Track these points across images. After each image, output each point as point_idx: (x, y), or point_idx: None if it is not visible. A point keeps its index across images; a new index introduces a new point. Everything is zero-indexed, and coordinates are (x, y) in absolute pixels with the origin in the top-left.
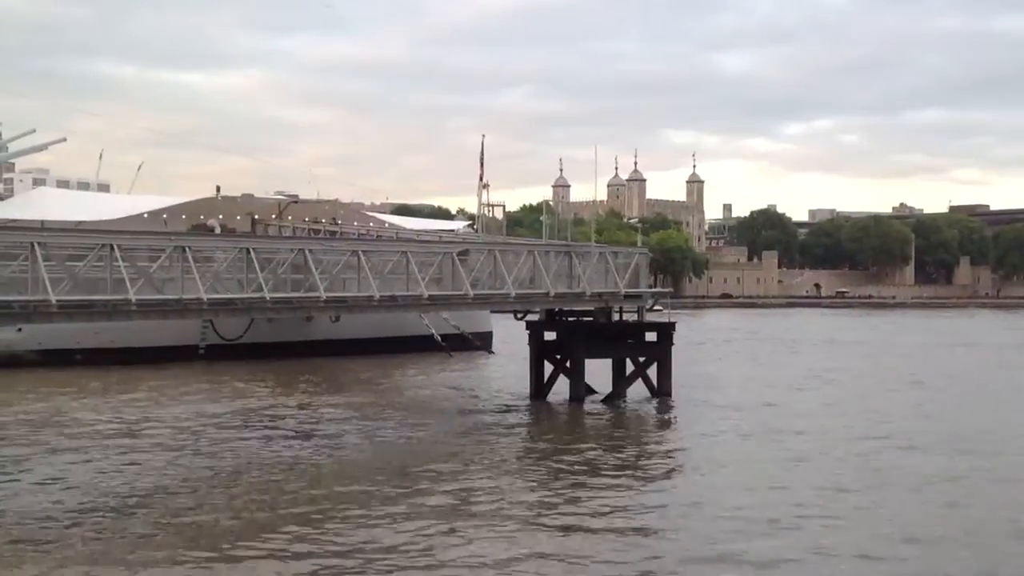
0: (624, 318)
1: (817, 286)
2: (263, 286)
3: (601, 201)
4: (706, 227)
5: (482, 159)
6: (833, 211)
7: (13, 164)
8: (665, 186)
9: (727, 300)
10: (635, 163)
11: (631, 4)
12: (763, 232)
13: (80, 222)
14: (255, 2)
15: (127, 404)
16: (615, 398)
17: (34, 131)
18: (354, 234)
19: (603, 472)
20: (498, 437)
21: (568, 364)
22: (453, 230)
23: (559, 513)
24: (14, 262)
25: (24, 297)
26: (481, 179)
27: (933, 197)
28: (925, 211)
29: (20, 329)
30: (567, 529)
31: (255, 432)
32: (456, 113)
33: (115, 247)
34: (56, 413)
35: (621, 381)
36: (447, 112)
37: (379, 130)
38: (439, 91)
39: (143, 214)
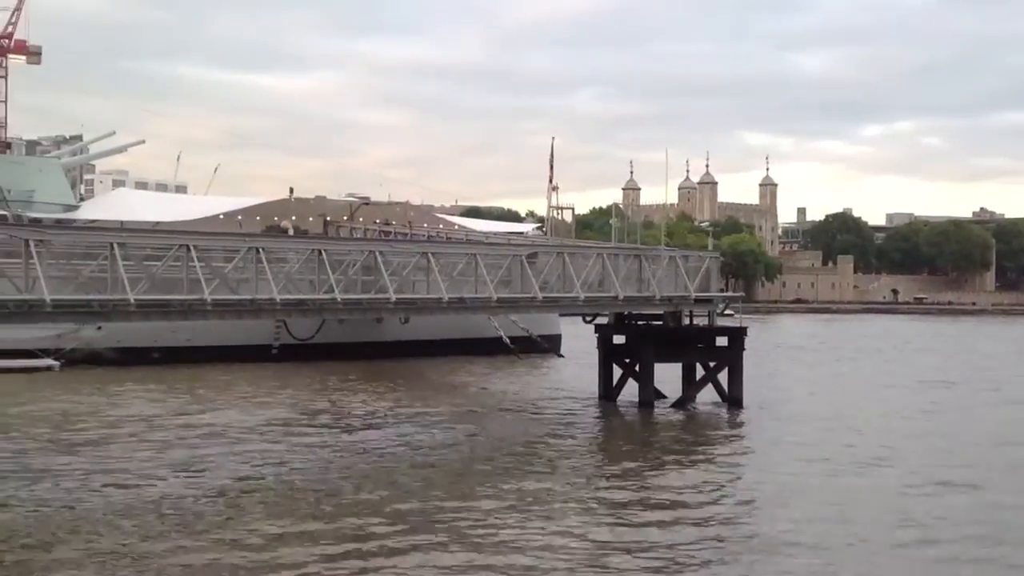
0: (694, 322)
1: (894, 291)
2: (334, 287)
3: (672, 204)
4: (779, 231)
5: (552, 161)
6: (911, 215)
7: (94, 166)
8: (737, 189)
9: (800, 305)
10: (706, 166)
11: (701, 5)
12: (838, 236)
13: (158, 223)
14: (331, 5)
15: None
16: (685, 403)
17: (114, 133)
18: (424, 236)
19: (673, 482)
20: (566, 440)
21: (637, 368)
22: (522, 232)
23: (628, 531)
24: (94, 262)
25: (103, 296)
26: (551, 181)
27: (1015, 201)
28: (1006, 216)
29: (100, 327)
30: (635, 549)
31: (339, 432)
32: (526, 115)
33: (191, 248)
34: (177, 412)
35: (691, 386)
36: (517, 114)
37: (450, 132)
38: (510, 93)
39: (219, 215)
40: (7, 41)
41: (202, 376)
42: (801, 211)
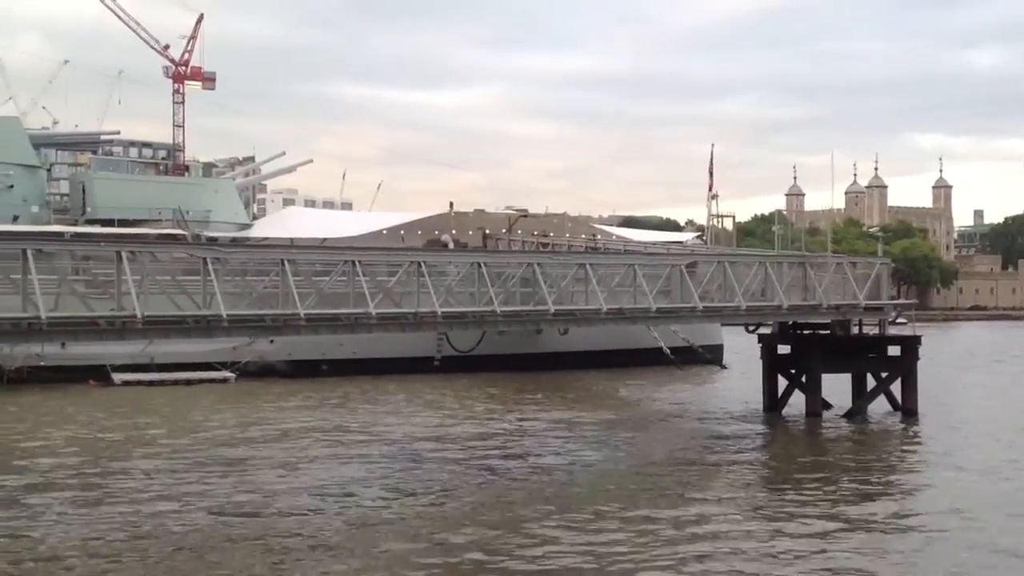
0: (864, 331)
1: None
2: (494, 299)
3: (838, 209)
4: (955, 235)
5: (711, 168)
6: None
7: (266, 185)
8: (909, 192)
9: (979, 312)
10: (875, 168)
11: (862, 3)
12: (1019, 239)
13: (325, 239)
14: (487, 21)
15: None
16: (855, 414)
17: (284, 153)
18: (582, 247)
19: (847, 497)
20: (732, 454)
21: (804, 379)
22: (681, 242)
23: (799, 548)
24: (266, 278)
25: (275, 311)
26: (710, 189)
27: None
28: None
29: (272, 341)
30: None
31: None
32: (683, 122)
33: (357, 263)
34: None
35: (862, 397)
36: (674, 121)
37: (606, 142)
38: (665, 100)
39: (382, 231)
40: (184, 68)
41: (381, 387)
42: (978, 213)
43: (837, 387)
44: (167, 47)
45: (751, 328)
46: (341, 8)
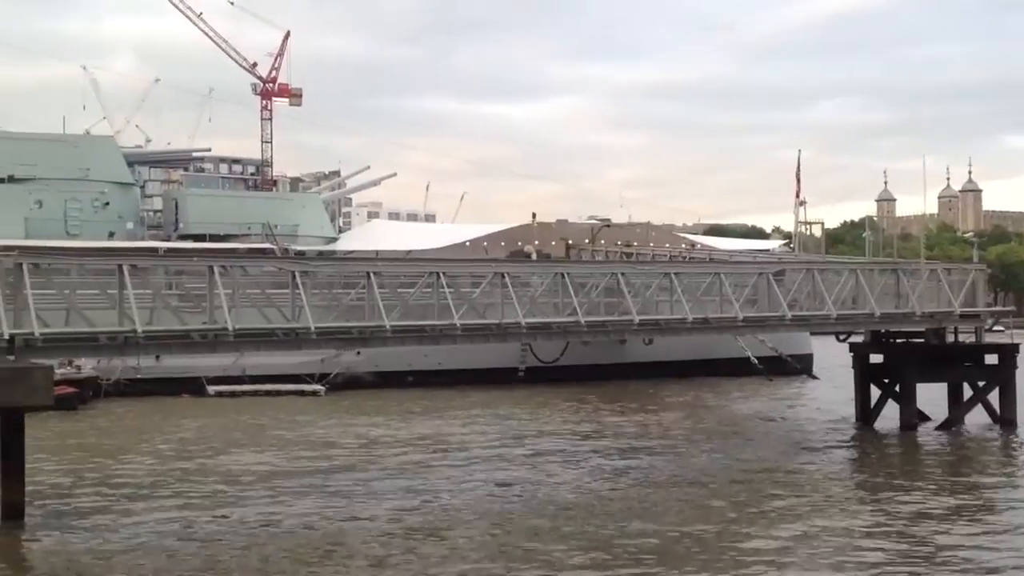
0: (959, 339)
1: None
2: (578, 310)
3: (931, 214)
4: None
5: (798, 175)
6: None
7: (351, 199)
8: (1004, 196)
9: None
10: (969, 172)
11: (952, 6)
12: None
13: (409, 251)
14: (568, 33)
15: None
16: (951, 425)
17: (368, 167)
18: (666, 256)
19: (945, 513)
20: (824, 467)
21: (897, 388)
22: (768, 250)
23: (893, 565)
24: (353, 290)
25: (362, 323)
26: (797, 196)
27: None
28: None
29: (359, 353)
30: None
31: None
32: (768, 129)
33: (441, 275)
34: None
35: (958, 407)
36: (758, 129)
37: (689, 150)
38: (748, 108)
39: (465, 242)
40: (271, 85)
41: (483, 398)
42: None
43: (932, 397)
44: (255, 65)
45: (842, 337)
46: (425, 24)
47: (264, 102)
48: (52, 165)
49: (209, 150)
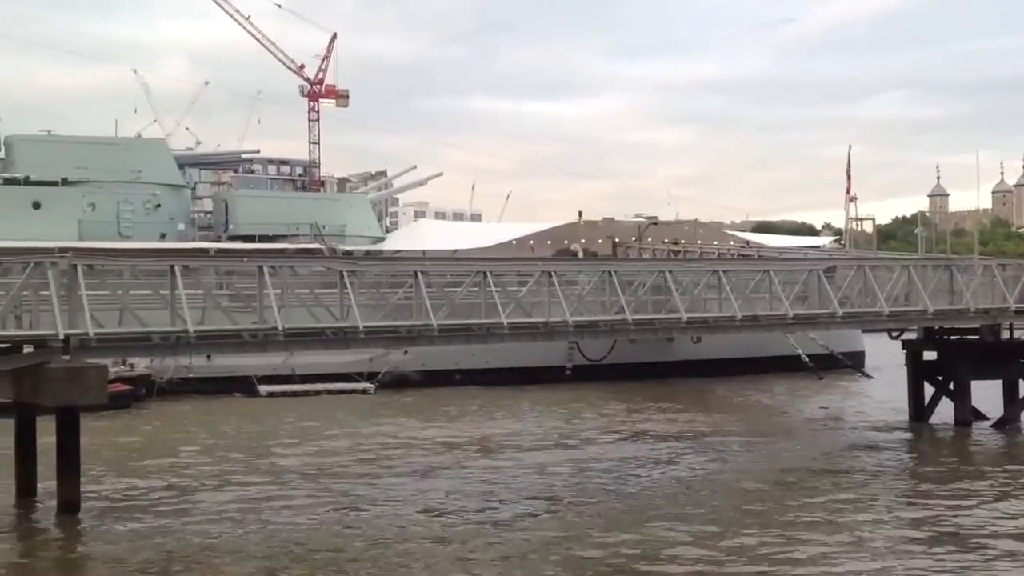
0: (1014, 336)
1: None
2: (625, 308)
3: (985, 209)
4: None
5: (848, 171)
6: None
7: (397, 199)
8: None
9: None
10: (1023, 166)
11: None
12: None
13: (455, 251)
14: (615, 30)
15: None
16: (1007, 423)
17: (415, 167)
18: (714, 254)
19: (1000, 513)
20: (878, 464)
21: (951, 386)
22: (818, 246)
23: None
24: (400, 290)
25: (410, 322)
26: (848, 191)
27: None
28: None
29: (407, 351)
30: None
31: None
32: (818, 125)
33: (488, 274)
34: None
35: (1014, 405)
36: (808, 125)
37: (737, 147)
38: (799, 104)
39: (511, 241)
40: (319, 87)
41: (537, 397)
42: None
43: (987, 395)
44: (302, 67)
45: (894, 334)
46: (471, 23)
47: (311, 104)
48: (105, 168)
49: (258, 151)
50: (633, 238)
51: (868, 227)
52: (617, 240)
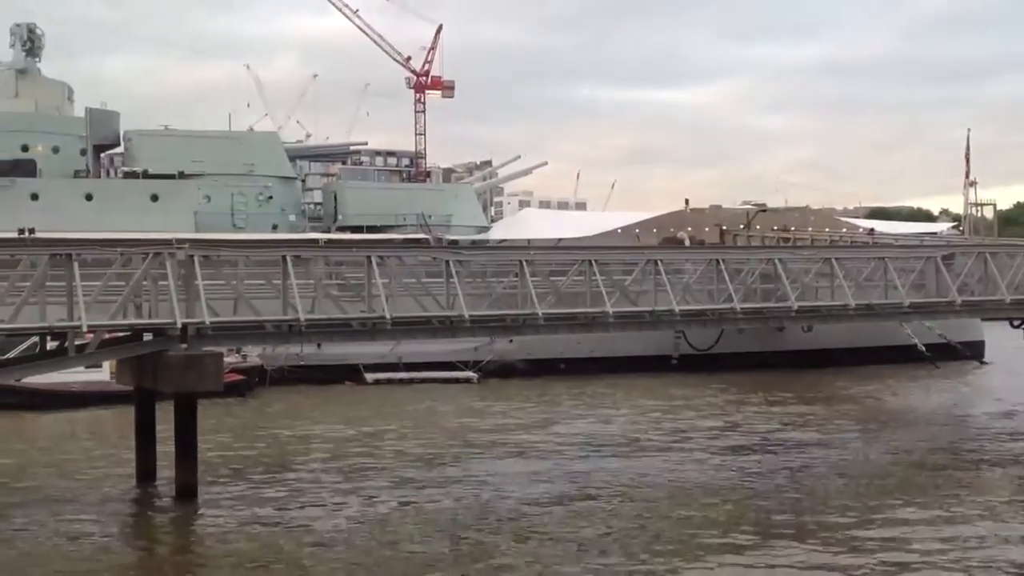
0: None
1: None
2: (733, 296)
3: None
4: None
5: (967, 154)
6: None
7: (502, 188)
8: None
9: None
10: None
11: None
12: None
13: (560, 239)
14: (725, 15)
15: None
16: None
17: (519, 157)
18: (826, 241)
19: None
20: (1001, 456)
21: None
22: (935, 233)
23: None
24: (505, 279)
25: (515, 311)
26: (967, 176)
27: None
28: None
29: (512, 340)
30: None
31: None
32: (938, 107)
33: (593, 262)
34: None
35: None
36: (928, 107)
37: (852, 132)
38: (918, 86)
39: (616, 229)
40: (425, 78)
41: (649, 387)
42: None
43: None
44: (409, 59)
45: (1016, 323)
46: (579, 9)
47: (417, 95)
48: (219, 161)
49: (366, 143)
50: (741, 225)
51: (988, 212)
52: (725, 228)
